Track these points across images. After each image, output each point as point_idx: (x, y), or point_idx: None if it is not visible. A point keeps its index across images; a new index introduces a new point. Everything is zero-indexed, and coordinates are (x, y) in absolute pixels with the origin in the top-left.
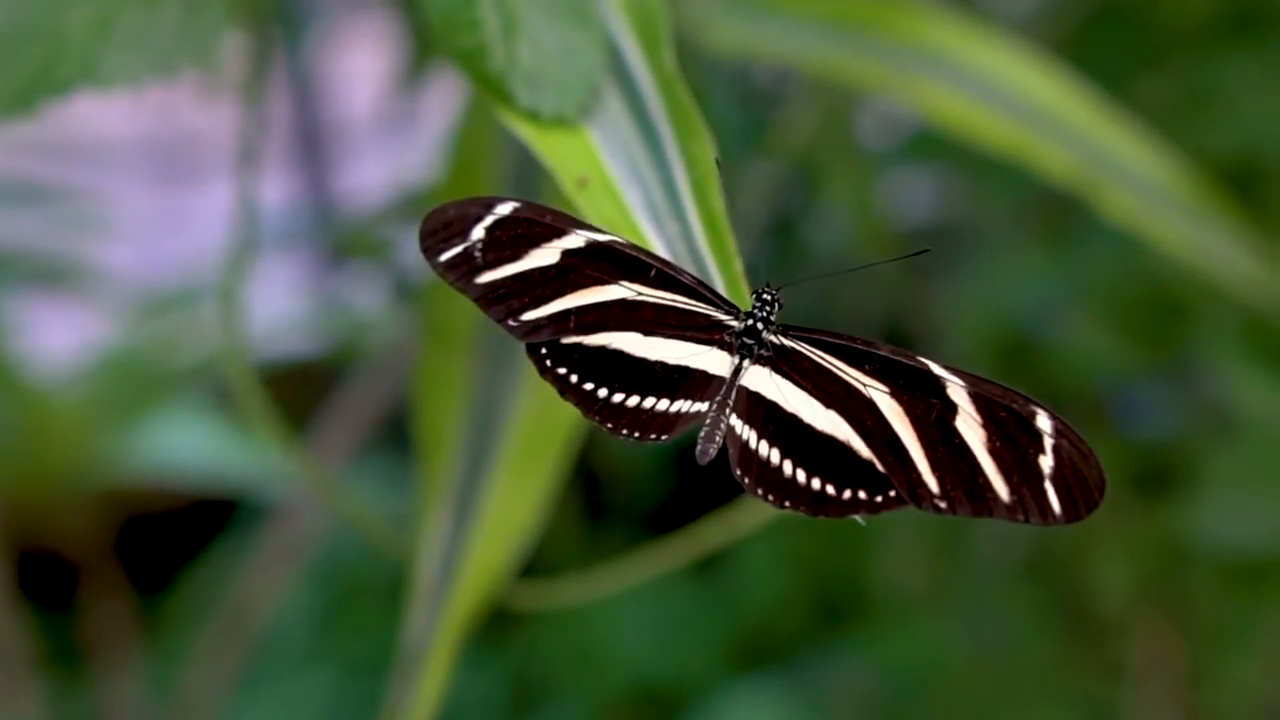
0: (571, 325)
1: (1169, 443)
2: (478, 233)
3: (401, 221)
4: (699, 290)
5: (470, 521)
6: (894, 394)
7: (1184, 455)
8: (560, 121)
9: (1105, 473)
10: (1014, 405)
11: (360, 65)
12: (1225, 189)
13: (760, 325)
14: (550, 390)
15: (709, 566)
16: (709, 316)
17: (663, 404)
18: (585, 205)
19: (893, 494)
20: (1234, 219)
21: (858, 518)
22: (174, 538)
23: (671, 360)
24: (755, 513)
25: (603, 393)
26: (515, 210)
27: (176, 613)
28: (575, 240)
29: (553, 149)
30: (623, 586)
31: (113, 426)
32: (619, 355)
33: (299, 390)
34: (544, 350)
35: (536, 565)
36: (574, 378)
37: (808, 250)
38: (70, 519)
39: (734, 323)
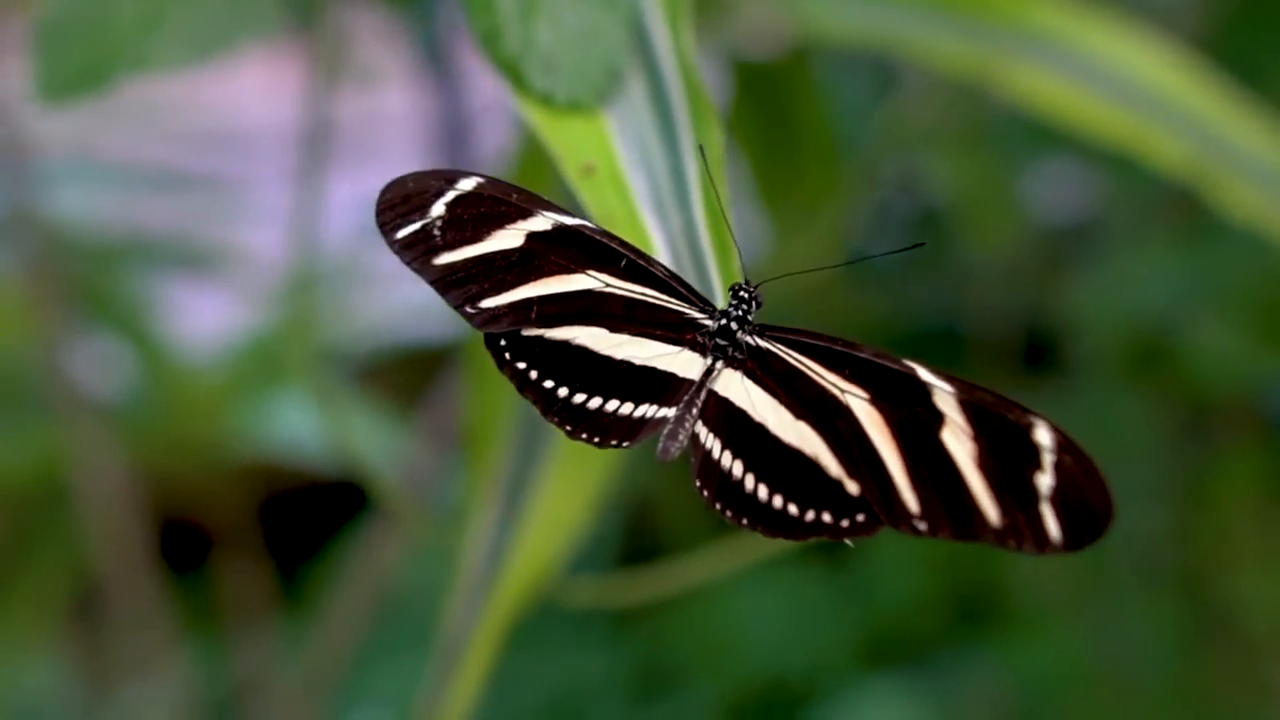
0: (533, 315)
1: None
2: (438, 209)
3: None
4: (673, 285)
5: (520, 515)
6: (873, 400)
7: None
8: (575, 107)
9: (1114, 497)
10: (1009, 415)
11: None
12: None
13: (735, 325)
14: None
15: (840, 558)
16: (681, 314)
17: (626, 408)
18: (588, 194)
19: (860, 519)
20: None
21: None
22: (313, 514)
23: (639, 360)
24: None
25: (563, 392)
26: (479, 186)
27: (315, 585)
28: (542, 223)
29: (562, 134)
30: (743, 565)
31: (249, 406)
32: (582, 352)
33: (425, 373)
34: (503, 342)
35: (664, 547)
36: (533, 374)
37: (952, 243)
38: (210, 492)
39: (708, 322)
